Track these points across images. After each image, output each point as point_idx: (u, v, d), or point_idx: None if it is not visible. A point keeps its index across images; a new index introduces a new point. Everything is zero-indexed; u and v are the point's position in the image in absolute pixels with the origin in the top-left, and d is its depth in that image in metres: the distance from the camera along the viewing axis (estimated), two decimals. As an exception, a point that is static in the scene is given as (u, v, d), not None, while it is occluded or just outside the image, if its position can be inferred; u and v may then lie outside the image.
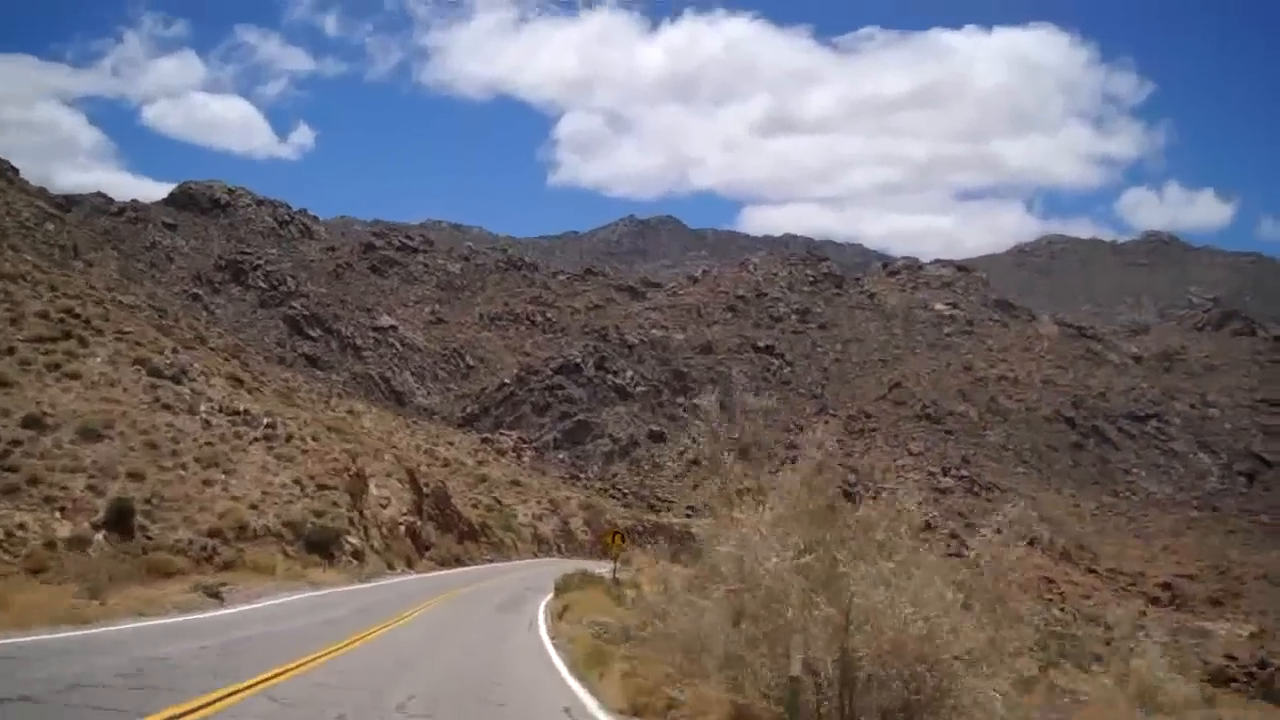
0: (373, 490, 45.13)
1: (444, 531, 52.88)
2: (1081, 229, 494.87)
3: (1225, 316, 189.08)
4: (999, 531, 13.25)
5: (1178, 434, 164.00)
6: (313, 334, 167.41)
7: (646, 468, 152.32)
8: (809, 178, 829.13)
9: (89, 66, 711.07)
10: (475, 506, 71.31)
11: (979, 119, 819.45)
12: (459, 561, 51.54)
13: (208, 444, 40.11)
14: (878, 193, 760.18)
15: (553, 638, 22.40)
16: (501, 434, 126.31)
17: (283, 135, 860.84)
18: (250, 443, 41.24)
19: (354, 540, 38.63)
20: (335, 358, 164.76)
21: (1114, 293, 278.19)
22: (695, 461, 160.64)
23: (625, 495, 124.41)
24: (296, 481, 39.59)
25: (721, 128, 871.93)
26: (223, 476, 38.86)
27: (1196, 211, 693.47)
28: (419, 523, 48.00)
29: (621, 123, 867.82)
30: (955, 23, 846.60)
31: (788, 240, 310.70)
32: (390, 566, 41.03)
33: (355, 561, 37.96)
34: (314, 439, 43.04)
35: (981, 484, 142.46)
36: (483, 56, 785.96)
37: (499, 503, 76.85)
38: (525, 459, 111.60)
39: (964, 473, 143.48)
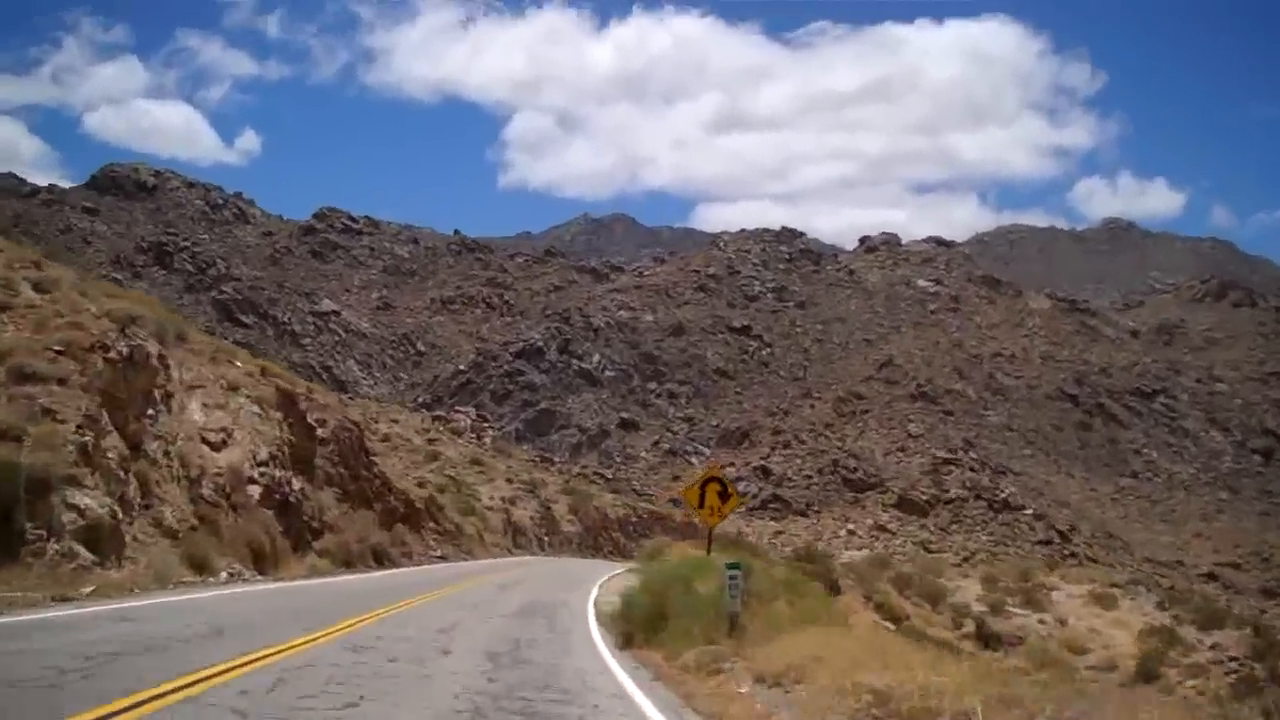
0: (194, 412, 20.86)
1: (355, 506, 28.01)
2: (1035, 220, 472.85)
3: (1223, 287, 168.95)
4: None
5: (1187, 410, 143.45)
6: (246, 320, 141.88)
7: (619, 459, 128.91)
8: (762, 174, 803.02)
9: (27, 74, 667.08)
10: (422, 486, 47.13)
11: (932, 112, 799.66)
12: (380, 559, 26.84)
13: None
14: (831, 188, 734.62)
15: None
16: (457, 411, 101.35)
17: (228, 141, 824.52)
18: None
19: (91, 502, 14.51)
20: (271, 345, 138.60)
21: (1076, 279, 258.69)
22: (672, 452, 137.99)
23: (611, 480, 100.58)
24: (-38, 369, 15.41)
25: (673, 126, 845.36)
26: None
27: (1149, 200, 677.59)
28: (297, 485, 23.51)
29: (572, 122, 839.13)
30: (907, 16, 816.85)
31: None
32: (200, 567, 16.84)
33: (85, 552, 13.78)
34: (41, 290, 18.71)
35: (993, 467, 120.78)
36: (429, 58, 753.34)
37: (454, 480, 52.31)
38: (486, 440, 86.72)
39: (973, 455, 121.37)
